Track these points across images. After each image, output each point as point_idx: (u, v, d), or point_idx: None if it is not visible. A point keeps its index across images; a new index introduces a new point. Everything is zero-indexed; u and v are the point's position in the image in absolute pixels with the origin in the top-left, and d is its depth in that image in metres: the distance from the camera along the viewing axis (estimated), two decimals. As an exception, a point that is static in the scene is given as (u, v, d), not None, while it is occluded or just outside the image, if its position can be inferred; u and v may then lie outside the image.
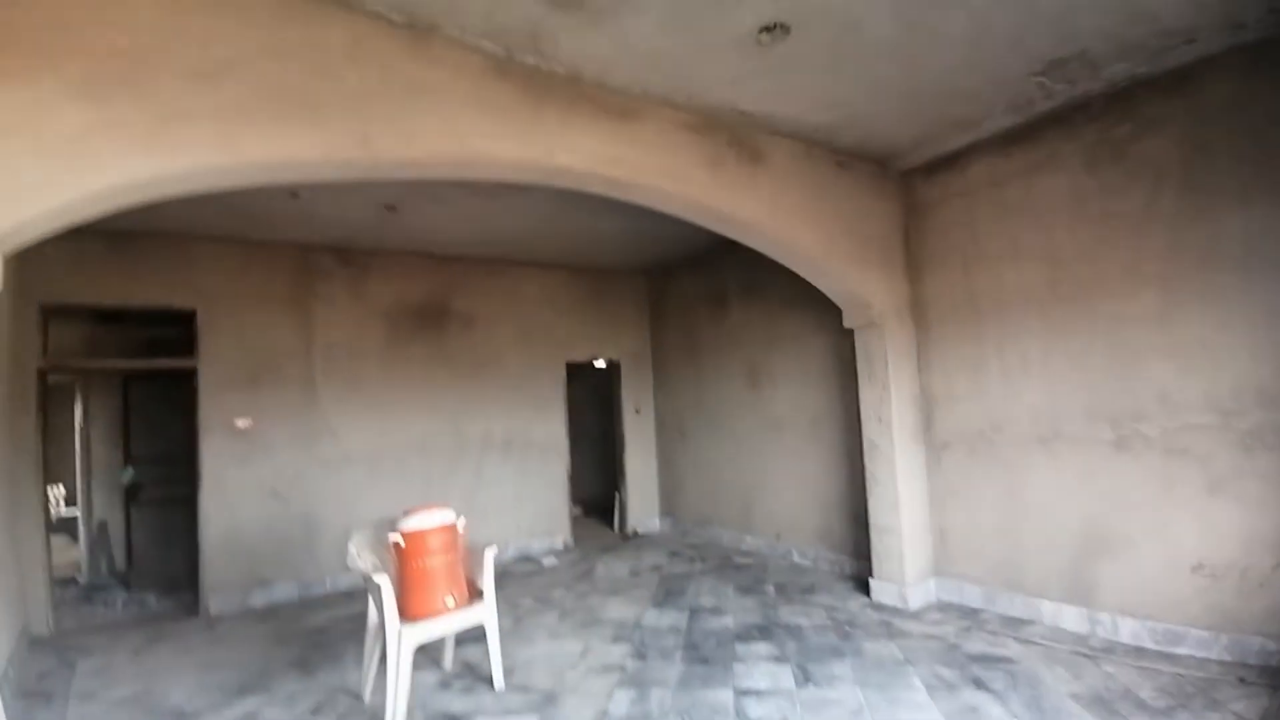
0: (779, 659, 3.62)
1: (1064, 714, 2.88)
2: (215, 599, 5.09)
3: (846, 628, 4.04)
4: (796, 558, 5.66)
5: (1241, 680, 2.99)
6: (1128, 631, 3.56)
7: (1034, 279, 3.97)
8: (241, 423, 5.28)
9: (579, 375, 7.41)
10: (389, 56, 2.72)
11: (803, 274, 4.52)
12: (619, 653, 3.84)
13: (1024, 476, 4.05)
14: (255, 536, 5.29)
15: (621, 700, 3.23)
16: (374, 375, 5.91)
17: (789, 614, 4.35)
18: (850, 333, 4.76)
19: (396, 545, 3.27)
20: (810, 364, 5.57)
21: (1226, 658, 3.18)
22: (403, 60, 2.75)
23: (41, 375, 4.62)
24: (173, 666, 3.95)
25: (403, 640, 3.10)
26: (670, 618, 4.40)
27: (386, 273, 6.04)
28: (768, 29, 2.89)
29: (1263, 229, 3.09)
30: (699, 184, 3.66)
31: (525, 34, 2.88)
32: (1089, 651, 3.50)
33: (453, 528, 3.41)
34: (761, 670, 3.48)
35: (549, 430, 6.85)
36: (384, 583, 3.12)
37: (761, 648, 3.79)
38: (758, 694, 3.22)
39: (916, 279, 4.65)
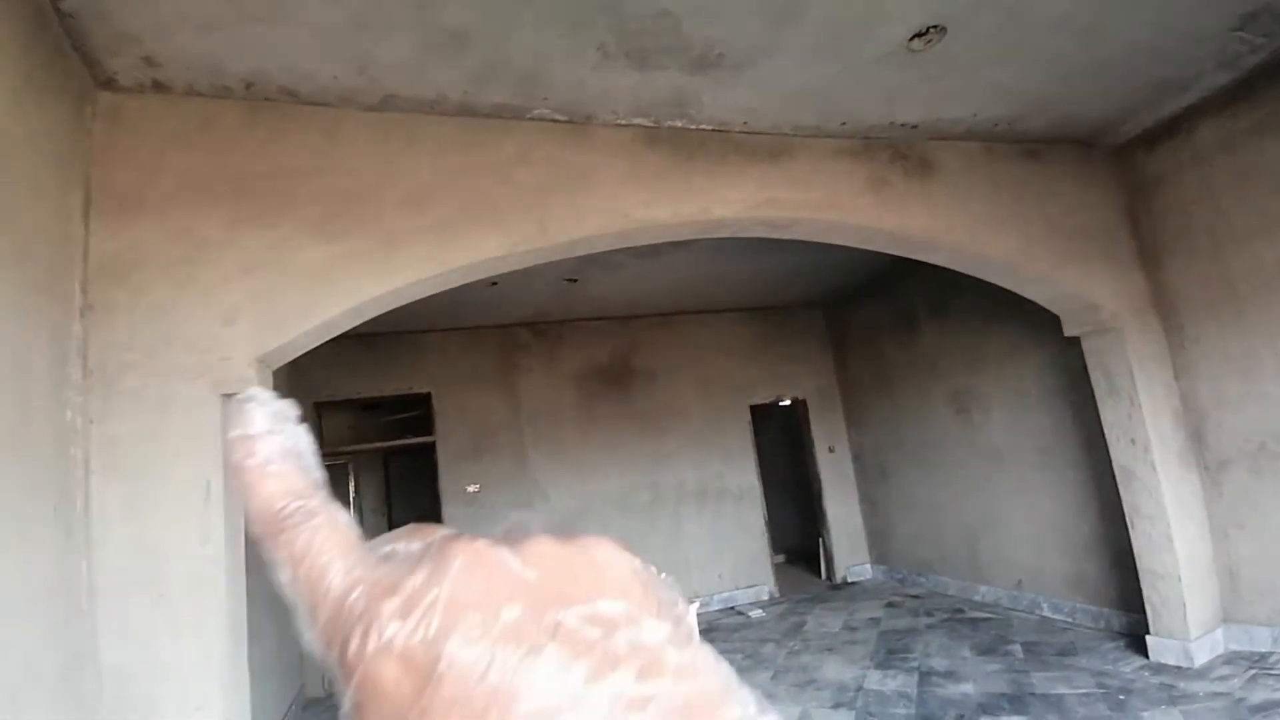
0: (1038, 735, 3.07)
1: None
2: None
3: (1120, 696, 3.31)
4: (1046, 611, 4.82)
5: None
6: None
7: (1297, 251, 3.13)
8: (471, 488, 5.98)
9: (766, 418, 7.26)
10: (554, 151, 3.03)
11: (1002, 284, 4.02)
12: None
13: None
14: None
15: (848, 773, 2.96)
16: (572, 437, 6.36)
17: (1045, 681, 3.68)
18: (1075, 342, 4.08)
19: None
20: (1028, 383, 4.85)
21: None
22: (565, 152, 3.05)
23: (319, 461, 5.69)
24: None
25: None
26: (897, 681, 3.98)
27: (574, 340, 6.56)
28: (920, 35, 2.72)
29: None
30: (862, 209, 3.48)
31: (670, 103, 3.03)
32: None
33: (653, 582, 3.46)
34: (1016, 748, 2.98)
35: (740, 477, 6.75)
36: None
37: (1013, 721, 3.25)
38: (1014, 777, 2.75)
39: (1155, 268, 3.88)
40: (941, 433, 5.75)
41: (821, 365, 7.34)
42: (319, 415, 5.82)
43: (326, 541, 0.21)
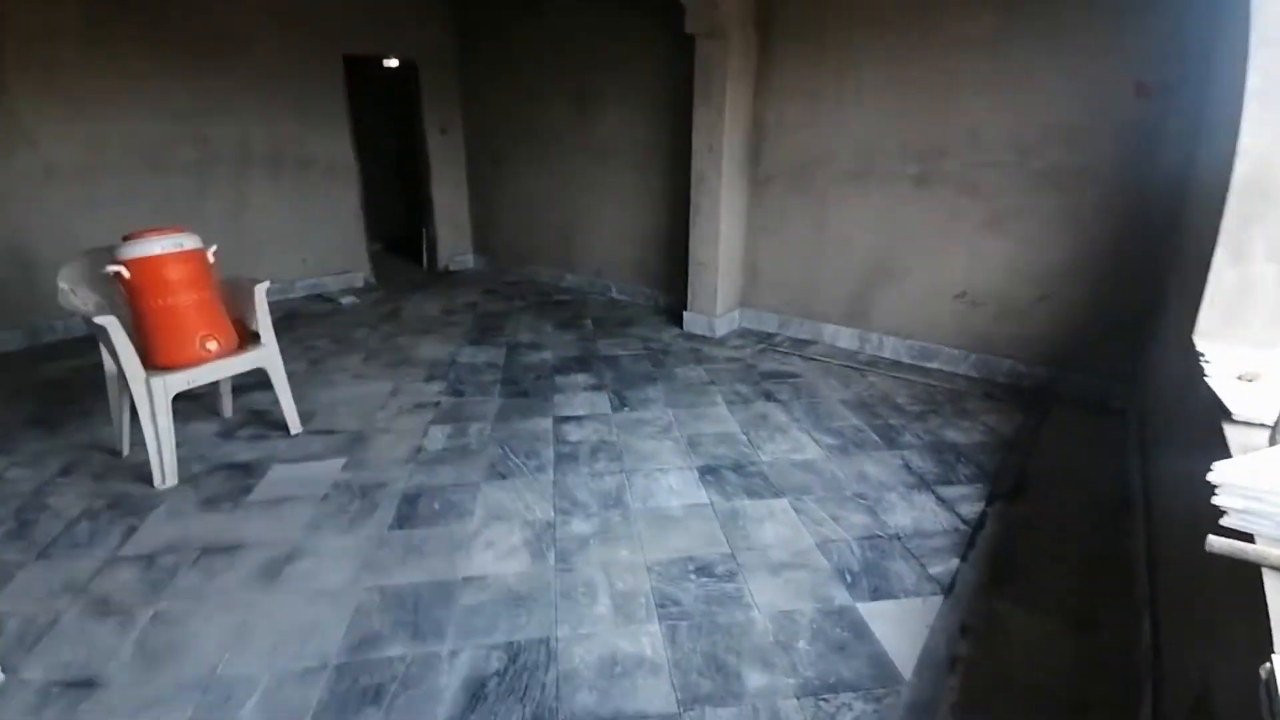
0: (597, 387, 3.71)
1: (835, 416, 3.37)
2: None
3: (660, 356, 4.23)
4: (615, 294, 5.69)
5: (988, 395, 3.61)
6: (890, 348, 4.16)
7: (882, -7, 3.63)
8: None
9: (366, 80, 5.96)
10: None
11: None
12: (433, 390, 3.67)
13: (834, 212, 4.19)
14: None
15: (437, 436, 3.13)
16: (73, 63, 4.22)
17: (606, 346, 4.43)
18: (688, 52, 4.17)
19: (119, 277, 2.56)
20: (644, 82, 4.93)
21: (974, 374, 3.84)
22: None
23: None
24: None
25: (153, 392, 2.62)
26: (487, 354, 4.27)
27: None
28: None
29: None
30: None
31: None
32: (857, 365, 4.06)
33: (199, 255, 2.72)
34: (580, 399, 3.56)
35: (330, 146, 5.62)
36: (111, 324, 2.54)
37: (580, 378, 3.85)
38: (577, 420, 3.30)
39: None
40: (559, 126, 5.62)
41: (439, 22, 6.14)
42: None
43: None
